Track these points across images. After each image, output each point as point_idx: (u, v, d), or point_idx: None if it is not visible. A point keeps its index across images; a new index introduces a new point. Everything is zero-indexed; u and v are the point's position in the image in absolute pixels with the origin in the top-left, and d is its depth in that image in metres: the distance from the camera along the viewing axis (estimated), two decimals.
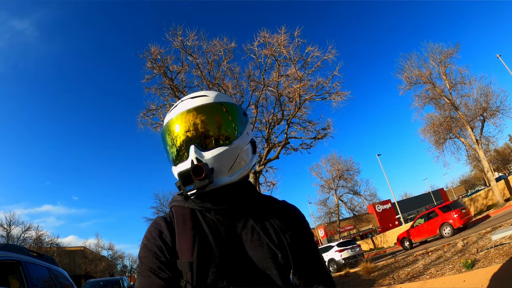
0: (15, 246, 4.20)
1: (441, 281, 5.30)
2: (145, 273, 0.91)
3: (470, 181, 66.69)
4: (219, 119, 1.01)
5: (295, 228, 1.05)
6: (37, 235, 36.17)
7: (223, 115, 1.02)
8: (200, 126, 0.98)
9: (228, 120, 1.02)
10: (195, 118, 0.98)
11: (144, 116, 14.52)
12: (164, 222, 1.00)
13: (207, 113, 1.00)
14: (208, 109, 1.01)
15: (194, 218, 0.99)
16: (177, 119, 0.99)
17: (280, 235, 0.99)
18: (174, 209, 1.04)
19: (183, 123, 0.98)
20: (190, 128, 0.98)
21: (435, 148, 23.09)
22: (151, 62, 13.32)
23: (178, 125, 0.99)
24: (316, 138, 14.92)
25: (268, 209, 1.06)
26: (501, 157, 52.31)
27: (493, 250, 5.48)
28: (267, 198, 1.13)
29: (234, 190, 1.02)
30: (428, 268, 6.82)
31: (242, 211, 1.01)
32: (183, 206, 1.03)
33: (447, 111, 21.82)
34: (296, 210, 1.12)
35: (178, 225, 0.98)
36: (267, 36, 13.22)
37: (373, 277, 9.10)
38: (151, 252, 0.94)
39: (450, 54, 21.54)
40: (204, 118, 0.99)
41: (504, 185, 22.37)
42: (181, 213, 1.01)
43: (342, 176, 34.26)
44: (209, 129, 0.99)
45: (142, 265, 0.94)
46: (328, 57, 13.25)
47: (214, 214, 1.00)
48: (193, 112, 0.99)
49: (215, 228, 0.97)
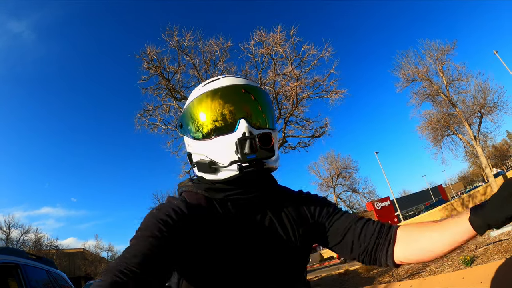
0: (14, 249, 4.20)
1: (440, 278, 5.30)
2: (144, 233, 0.78)
3: (469, 177, 66.88)
4: (269, 104, 1.01)
5: (316, 213, 1.02)
6: (36, 238, 36.11)
7: (270, 104, 1.02)
8: (256, 104, 0.96)
9: (272, 110, 1.03)
10: (253, 95, 0.96)
11: (141, 117, 14.51)
12: (181, 201, 0.90)
13: (262, 94, 1.00)
14: (262, 91, 1.01)
15: (210, 206, 0.92)
16: (235, 89, 0.95)
17: (294, 230, 0.96)
18: (186, 195, 0.96)
19: (241, 95, 0.95)
20: (249, 102, 0.95)
21: (433, 145, 23.11)
22: (147, 63, 13.30)
23: (234, 95, 0.94)
24: (314, 137, 14.91)
25: (287, 200, 1.02)
26: (499, 153, 52.45)
27: (492, 247, 5.49)
28: (284, 189, 1.09)
29: (266, 179, 1.00)
30: (427, 265, 6.82)
31: (263, 202, 0.96)
32: (196, 192, 0.95)
33: (445, 108, 21.83)
34: (310, 195, 1.08)
35: (193, 211, 0.88)
36: (263, 35, 13.21)
37: (373, 275, 9.11)
38: (158, 219, 0.81)
39: (447, 51, 21.57)
40: (260, 98, 0.98)
41: (502, 181, 22.43)
42: (195, 199, 0.93)
43: (341, 174, 34.27)
44: (262, 109, 0.97)
45: (141, 229, 0.81)
46: (324, 55, 13.27)
47: (232, 204, 0.93)
48: (253, 89, 0.97)
49: (232, 219, 0.90)
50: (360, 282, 8.94)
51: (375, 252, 0.96)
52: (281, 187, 1.08)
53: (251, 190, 0.93)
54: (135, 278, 0.68)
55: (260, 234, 0.91)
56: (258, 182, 0.95)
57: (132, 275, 0.68)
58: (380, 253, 0.96)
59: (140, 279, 0.69)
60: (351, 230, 0.98)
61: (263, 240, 0.90)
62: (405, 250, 0.93)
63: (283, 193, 1.05)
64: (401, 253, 0.93)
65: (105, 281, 0.66)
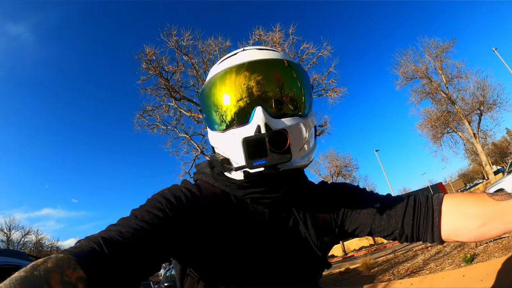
0: (13, 251, 4.21)
1: (441, 276, 5.30)
2: (147, 211, 0.70)
3: (469, 174, 66.93)
4: (300, 84, 0.78)
5: (348, 206, 0.88)
6: (37, 239, 36.15)
7: (304, 81, 0.79)
8: (277, 84, 0.76)
9: (308, 89, 0.80)
10: (272, 73, 0.76)
11: (140, 117, 14.51)
12: (196, 187, 0.81)
13: (288, 71, 0.78)
14: (290, 67, 0.78)
15: (227, 201, 0.80)
16: (247, 68, 0.74)
17: (318, 235, 0.84)
18: (201, 184, 0.84)
19: (256, 76, 0.74)
20: (264, 83, 0.74)
21: (432, 143, 23.19)
22: (146, 63, 13.30)
23: (246, 76, 0.74)
24: None
25: (313, 199, 0.88)
26: (499, 150, 52.43)
27: (492, 244, 5.48)
28: (309, 185, 0.94)
29: (294, 178, 0.83)
30: (428, 263, 6.82)
31: (288, 201, 0.83)
32: (213, 184, 0.83)
33: (444, 105, 21.86)
34: (339, 186, 0.94)
35: (207, 203, 0.77)
36: (262, 34, 13.23)
37: (373, 273, 9.10)
38: (158, 203, 0.72)
39: (446, 48, 21.59)
40: (284, 76, 0.77)
41: None
42: (211, 192, 0.81)
43: (341, 172, 34.24)
44: (287, 91, 0.76)
45: (145, 205, 0.73)
46: (323, 53, 13.29)
47: (252, 202, 0.81)
48: (272, 65, 0.77)
49: (250, 216, 0.79)
50: (360, 281, 8.93)
51: (418, 227, 0.81)
52: (308, 183, 0.94)
53: (274, 190, 0.78)
54: (129, 241, 0.62)
55: (281, 235, 0.80)
56: (283, 182, 0.79)
57: (126, 237, 0.62)
58: (423, 227, 0.80)
59: (133, 243, 0.62)
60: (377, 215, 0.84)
61: (282, 242, 0.80)
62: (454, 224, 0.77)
63: (308, 189, 0.91)
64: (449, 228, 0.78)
65: (76, 247, 0.59)
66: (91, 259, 0.55)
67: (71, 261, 0.52)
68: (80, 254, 0.55)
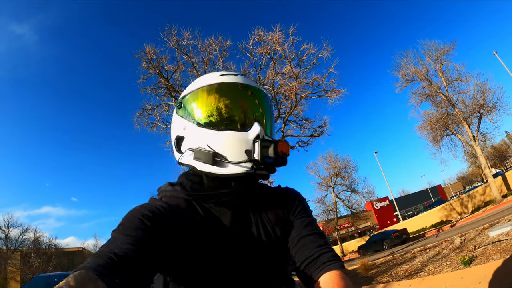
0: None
1: (439, 278, 5.29)
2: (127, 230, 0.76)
3: (468, 177, 66.94)
4: (273, 115, 1.06)
5: (292, 213, 0.99)
6: (35, 237, 36.02)
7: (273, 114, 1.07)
8: (267, 113, 1.00)
9: None
10: (267, 103, 1.01)
11: (140, 116, 14.47)
12: (163, 202, 0.89)
13: (270, 104, 1.03)
14: (270, 101, 1.04)
15: (191, 209, 0.90)
16: (255, 92, 0.97)
17: (273, 229, 0.93)
18: (166, 199, 0.94)
19: (259, 99, 0.97)
20: (264, 107, 0.98)
21: (432, 145, 23.14)
22: (146, 62, 13.26)
23: (254, 97, 0.97)
24: (313, 136, 14.88)
25: (264, 198, 1.00)
26: (498, 154, 52.53)
27: (491, 247, 5.47)
28: (262, 187, 1.06)
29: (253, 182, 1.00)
30: (426, 265, 6.81)
31: (244, 202, 0.95)
32: (177, 196, 0.93)
33: (444, 108, 21.86)
34: (290, 192, 1.05)
35: (172, 214, 0.86)
36: (262, 34, 13.17)
37: (371, 275, 9.10)
38: (137, 216, 0.80)
39: (446, 51, 21.58)
40: (269, 108, 1.02)
41: (501, 181, 22.47)
42: (175, 202, 0.91)
43: (340, 174, 34.24)
44: (270, 119, 1.01)
45: (124, 224, 0.79)
46: (323, 54, 13.22)
47: (214, 205, 0.92)
48: (267, 98, 1.01)
49: (212, 221, 0.89)
50: (358, 282, 8.92)
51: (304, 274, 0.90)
52: (260, 186, 1.06)
53: (236, 190, 0.91)
54: (118, 265, 0.66)
55: (240, 234, 0.90)
56: (248, 185, 0.94)
57: (115, 260, 0.66)
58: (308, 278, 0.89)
59: (123, 266, 0.67)
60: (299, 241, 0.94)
61: (242, 241, 0.89)
62: None
63: (261, 190, 1.03)
64: None
65: (89, 263, 0.63)
66: (107, 270, 0.62)
67: (91, 275, 0.58)
68: (96, 267, 0.62)
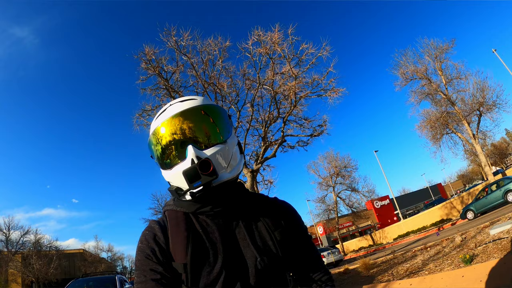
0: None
1: (440, 277, 5.28)
2: (141, 279, 0.93)
3: (468, 175, 66.93)
4: (214, 120, 1.04)
5: (288, 224, 1.07)
6: (36, 239, 36.00)
7: (217, 117, 1.05)
8: (197, 126, 1.01)
9: (222, 121, 1.06)
10: (192, 118, 1.01)
11: (139, 117, 14.42)
12: (158, 225, 1.02)
13: (203, 114, 1.03)
14: (204, 109, 1.03)
15: (188, 221, 1.01)
16: (173, 120, 0.99)
17: (271, 235, 1.02)
18: (167, 213, 1.06)
19: (180, 124, 0.99)
20: (188, 128, 1.00)
21: (432, 144, 23.17)
22: (145, 63, 13.22)
23: (174, 126, 0.99)
24: (313, 135, 14.86)
25: (259, 208, 1.08)
26: (498, 151, 52.50)
27: (492, 245, 5.47)
28: (258, 196, 1.15)
29: (229, 190, 1.03)
30: (427, 264, 6.80)
31: (235, 211, 1.03)
32: (176, 210, 1.04)
33: (444, 106, 21.86)
34: (286, 205, 1.15)
35: (172, 228, 1.00)
36: (261, 35, 13.15)
37: (372, 274, 9.09)
38: (145, 254, 0.96)
39: (445, 49, 21.60)
40: (201, 119, 1.02)
41: None
42: (174, 216, 1.03)
43: (340, 173, 34.24)
44: (206, 129, 1.02)
45: (137, 269, 0.96)
46: (322, 53, 13.18)
47: (207, 216, 1.01)
48: (190, 113, 1.01)
49: (208, 230, 0.99)
50: (360, 281, 8.92)
51: None
52: (256, 195, 1.15)
53: (218, 204, 1.00)
54: None
55: (234, 243, 0.98)
56: (221, 197, 1.00)
57: None
58: None
59: None
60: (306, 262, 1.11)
61: (237, 248, 0.98)
62: None
63: (257, 200, 1.12)
64: None
65: None
66: None
67: None
68: None
